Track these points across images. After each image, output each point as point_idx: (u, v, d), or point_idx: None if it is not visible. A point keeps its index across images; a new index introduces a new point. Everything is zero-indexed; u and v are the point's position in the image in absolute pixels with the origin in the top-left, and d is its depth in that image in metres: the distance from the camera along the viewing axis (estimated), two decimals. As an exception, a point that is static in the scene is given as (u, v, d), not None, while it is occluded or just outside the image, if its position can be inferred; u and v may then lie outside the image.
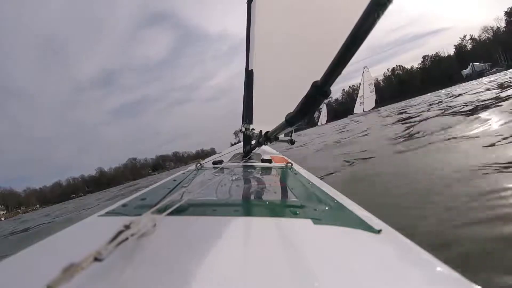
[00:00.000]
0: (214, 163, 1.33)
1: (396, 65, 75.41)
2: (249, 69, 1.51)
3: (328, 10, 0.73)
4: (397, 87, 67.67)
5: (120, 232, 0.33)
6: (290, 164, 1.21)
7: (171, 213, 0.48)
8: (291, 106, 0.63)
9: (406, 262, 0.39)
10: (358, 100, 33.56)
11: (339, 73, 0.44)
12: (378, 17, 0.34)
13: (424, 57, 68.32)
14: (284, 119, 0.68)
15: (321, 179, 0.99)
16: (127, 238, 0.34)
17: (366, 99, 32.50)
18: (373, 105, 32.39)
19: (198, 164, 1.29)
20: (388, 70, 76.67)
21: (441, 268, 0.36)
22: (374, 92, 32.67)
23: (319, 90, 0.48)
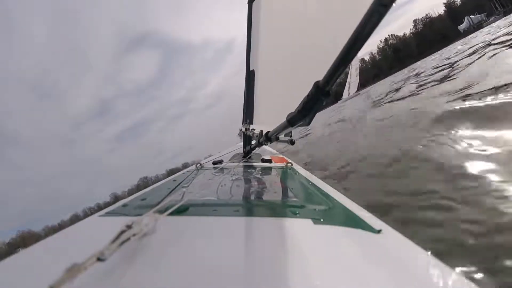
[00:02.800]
0: (214, 163, 1.33)
1: (389, 35, 70.90)
2: (250, 69, 1.52)
3: (329, 10, 0.73)
4: (393, 57, 64.88)
5: (122, 232, 0.33)
6: (290, 164, 1.21)
7: (172, 213, 0.48)
8: (292, 106, 0.63)
9: (406, 262, 0.39)
10: (346, 85, 32.98)
11: (342, 72, 0.44)
12: (381, 17, 0.34)
13: (415, 21, 64.52)
14: (285, 119, 0.68)
15: (321, 179, 0.99)
16: (129, 238, 0.33)
17: (352, 83, 32.00)
18: (356, 89, 32.00)
19: (198, 164, 1.29)
20: (381, 41, 71.85)
21: (440, 268, 0.36)
22: (358, 76, 32.32)
23: (321, 90, 0.48)
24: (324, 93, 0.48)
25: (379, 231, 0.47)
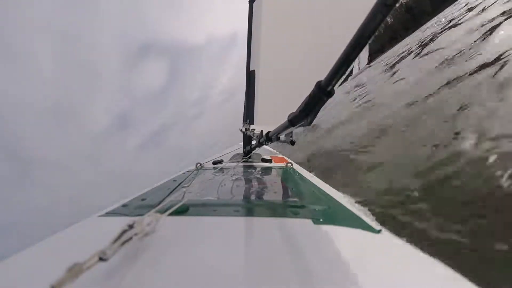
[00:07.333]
0: (214, 163, 1.33)
1: (398, -7, 68.42)
2: (251, 69, 1.51)
3: (331, 10, 0.73)
4: (407, 16, 57.51)
5: (123, 232, 0.33)
6: (290, 164, 1.21)
7: (172, 213, 0.48)
8: (292, 106, 0.63)
9: (405, 262, 0.39)
10: (356, 60, 33.22)
11: (344, 72, 0.44)
12: (384, 17, 0.34)
13: (424, -28, 60.32)
14: (286, 120, 0.67)
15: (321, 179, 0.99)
16: (131, 238, 0.33)
17: (361, 58, 32.16)
18: (366, 62, 32.31)
19: (198, 164, 1.29)
20: (390, 2, 69.58)
21: (440, 268, 0.36)
22: (368, 50, 32.40)
23: (323, 90, 0.47)
24: (326, 93, 0.48)
25: (379, 231, 0.47)
